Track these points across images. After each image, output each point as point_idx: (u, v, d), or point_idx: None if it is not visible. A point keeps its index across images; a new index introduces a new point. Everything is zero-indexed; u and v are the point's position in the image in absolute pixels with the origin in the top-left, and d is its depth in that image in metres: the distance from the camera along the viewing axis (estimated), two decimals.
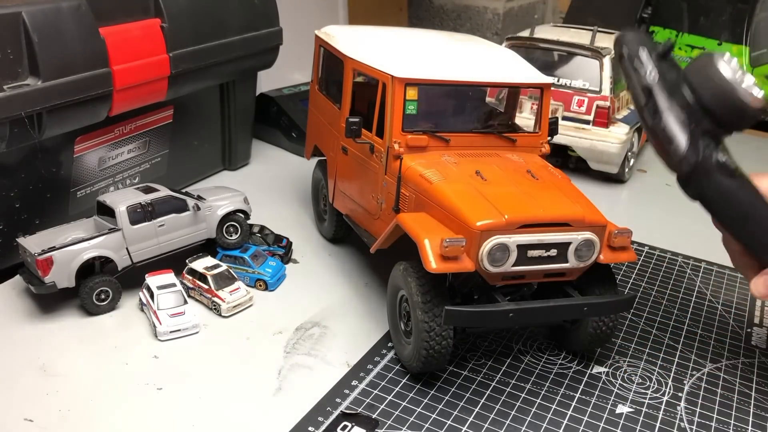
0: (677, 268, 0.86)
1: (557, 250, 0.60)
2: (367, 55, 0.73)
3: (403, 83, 0.68)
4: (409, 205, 0.66)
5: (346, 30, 0.85)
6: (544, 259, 0.60)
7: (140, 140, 0.89)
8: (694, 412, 0.63)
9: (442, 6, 1.74)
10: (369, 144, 0.71)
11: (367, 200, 0.74)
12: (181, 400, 0.60)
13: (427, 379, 0.64)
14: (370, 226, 0.74)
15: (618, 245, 0.62)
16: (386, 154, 0.69)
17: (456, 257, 0.58)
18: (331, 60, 0.82)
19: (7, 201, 0.74)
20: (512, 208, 0.59)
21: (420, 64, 0.70)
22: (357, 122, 0.70)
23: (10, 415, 0.58)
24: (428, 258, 0.57)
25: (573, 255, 0.60)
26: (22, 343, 0.66)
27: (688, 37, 1.47)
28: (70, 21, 0.72)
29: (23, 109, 0.68)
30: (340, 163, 0.79)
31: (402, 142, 0.68)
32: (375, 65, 0.71)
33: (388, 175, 0.69)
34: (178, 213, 0.75)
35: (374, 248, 0.70)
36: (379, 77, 0.70)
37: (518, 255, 0.59)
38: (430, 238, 0.58)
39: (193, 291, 0.74)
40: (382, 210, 0.70)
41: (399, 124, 0.68)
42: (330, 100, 0.83)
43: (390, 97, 0.68)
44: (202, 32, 0.88)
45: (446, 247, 0.57)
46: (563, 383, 0.65)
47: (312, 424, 0.58)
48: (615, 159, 1.07)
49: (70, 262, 0.69)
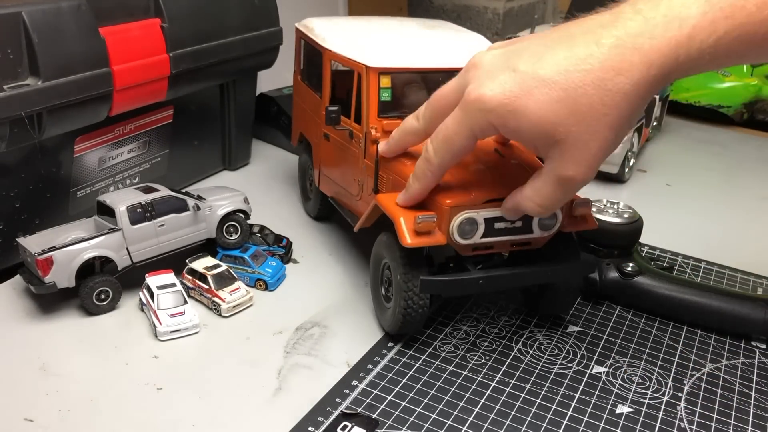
0: (677, 268, 0.86)
1: (522, 222, 0.64)
2: (343, 46, 0.77)
3: (376, 72, 0.72)
4: (387, 185, 0.70)
5: (324, 22, 0.88)
6: (510, 230, 0.65)
7: (140, 140, 0.89)
8: (694, 412, 0.63)
9: (442, 6, 1.74)
10: (348, 130, 0.76)
11: (349, 183, 0.78)
12: (181, 400, 0.60)
13: (427, 379, 0.64)
14: (353, 207, 0.78)
15: (579, 214, 0.67)
16: (364, 139, 0.73)
17: (429, 232, 0.62)
18: (311, 51, 0.86)
19: (7, 201, 0.74)
20: (478, 185, 0.64)
21: (393, 53, 0.74)
22: (336, 110, 0.74)
23: (10, 415, 0.57)
24: (404, 234, 0.62)
25: (537, 225, 0.65)
26: (22, 343, 0.66)
27: None
28: (70, 21, 0.72)
29: (23, 109, 0.68)
30: (323, 149, 0.83)
31: (378, 128, 0.72)
32: (350, 55, 0.75)
33: (367, 159, 0.73)
34: (178, 213, 0.75)
35: (357, 227, 0.73)
36: (354, 67, 0.74)
37: (486, 227, 0.63)
38: (405, 215, 0.63)
39: (193, 291, 0.74)
40: (363, 191, 0.74)
41: (375, 110, 0.72)
42: (311, 89, 0.87)
43: (365, 86, 0.72)
44: (202, 32, 0.88)
45: (419, 224, 0.61)
46: (563, 383, 0.65)
47: (312, 424, 0.58)
48: (615, 159, 1.07)
49: (70, 262, 0.69)
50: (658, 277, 0.76)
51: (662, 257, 0.89)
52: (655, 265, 0.81)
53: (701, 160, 1.27)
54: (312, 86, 0.87)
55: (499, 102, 0.54)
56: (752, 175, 1.21)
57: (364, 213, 0.71)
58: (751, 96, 1.42)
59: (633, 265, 0.76)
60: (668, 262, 0.88)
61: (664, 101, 1.34)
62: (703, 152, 1.31)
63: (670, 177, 1.17)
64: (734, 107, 1.43)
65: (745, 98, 1.42)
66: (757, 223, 1.03)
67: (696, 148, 1.33)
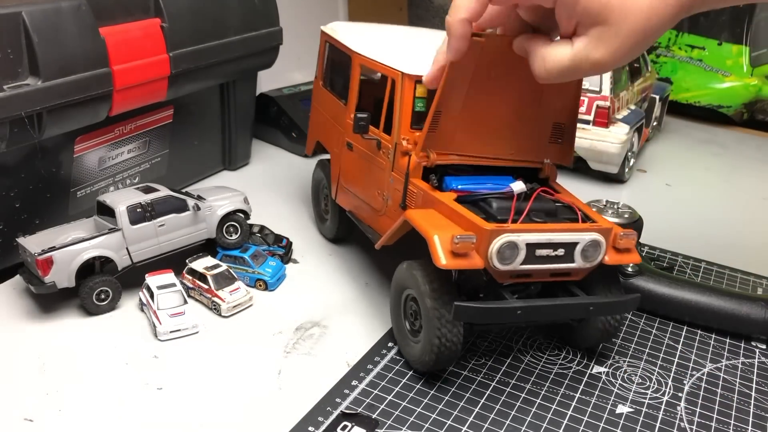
0: (677, 268, 0.86)
1: (564, 250, 0.60)
2: (375, 51, 0.74)
3: (413, 80, 0.68)
4: (417, 201, 0.66)
5: (352, 26, 0.85)
6: (552, 259, 0.60)
7: (140, 140, 0.89)
8: (694, 412, 0.63)
9: (442, 6, 1.74)
10: (376, 140, 0.71)
11: (372, 196, 0.74)
12: (181, 400, 0.60)
13: (427, 378, 0.64)
14: (375, 222, 0.74)
15: (623, 247, 0.63)
16: (394, 150, 0.69)
17: (466, 254, 0.58)
18: (337, 56, 0.82)
19: (7, 201, 0.74)
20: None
21: (429, 62, 0.70)
22: (365, 118, 0.70)
23: (10, 415, 0.57)
24: (438, 254, 0.57)
25: (579, 255, 0.61)
26: (22, 343, 0.66)
27: (687, 36, 1.47)
28: (70, 21, 0.72)
29: (23, 109, 0.68)
30: (345, 159, 0.79)
31: (410, 139, 0.67)
32: (384, 62, 0.71)
33: (396, 172, 0.69)
34: (178, 213, 0.75)
35: (380, 244, 0.70)
36: (388, 74, 0.70)
37: (527, 253, 0.59)
38: (440, 234, 0.58)
39: (193, 291, 0.74)
40: (388, 206, 0.70)
41: (408, 120, 0.68)
42: (335, 95, 0.82)
43: (399, 94, 0.68)
44: (202, 32, 0.88)
45: (457, 244, 0.57)
46: (563, 383, 0.65)
47: (312, 424, 0.58)
48: (615, 159, 1.07)
49: (70, 262, 0.69)
50: (658, 277, 0.76)
51: (662, 257, 0.89)
52: (655, 265, 0.81)
53: (701, 160, 1.27)
54: (335, 93, 0.82)
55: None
56: (752, 175, 1.21)
57: (387, 229, 0.68)
58: (751, 96, 1.42)
59: (633, 265, 0.76)
60: (668, 262, 0.88)
61: (664, 101, 1.34)
62: (703, 152, 1.31)
63: (670, 177, 1.17)
64: (734, 107, 1.43)
65: (745, 98, 1.42)
66: (757, 223, 1.03)
67: (696, 148, 1.33)
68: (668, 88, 1.37)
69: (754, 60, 1.43)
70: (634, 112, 1.14)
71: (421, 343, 0.62)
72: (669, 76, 1.47)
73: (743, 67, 1.42)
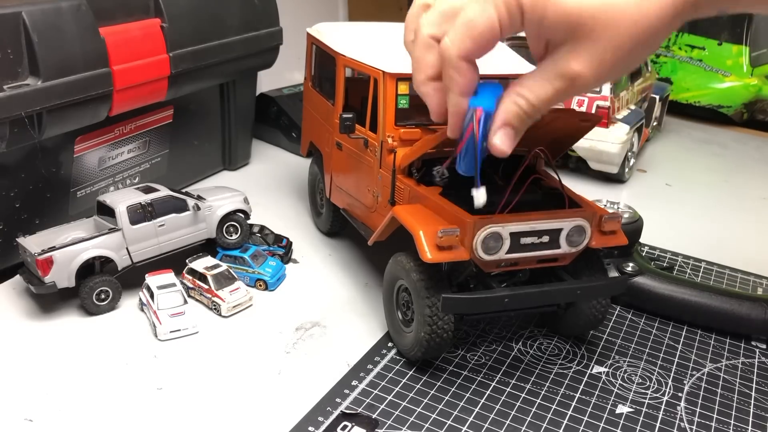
0: (677, 268, 0.86)
1: (549, 237, 0.61)
2: (358, 52, 0.75)
3: (394, 78, 0.69)
4: (404, 197, 0.67)
5: (337, 27, 0.86)
6: (537, 246, 0.61)
7: (140, 140, 0.89)
8: (694, 412, 0.63)
9: None
10: (363, 139, 0.73)
11: (363, 194, 0.75)
12: (181, 400, 0.60)
13: (427, 379, 0.64)
14: (367, 219, 0.75)
15: (608, 230, 0.64)
16: (380, 148, 0.70)
17: (451, 247, 0.59)
18: (324, 57, 0.83)
19: (7, 201, 0.74)
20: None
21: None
22: (350, 118, 0.71)
23: (10, 415, 0.57)
24: (424, 248, 0.59)
25: (565, 240, 0.62)
26: (22, 343, 0.66)
27: (688, 36, 1.47)
28: (70, 21, 0.72)
29: (23, 109, 0.68)
30: (335, 158, 0.80)
31: (395, 136, 0.69)
32: (366, 61, 0.72)
33: (383, 169, 0.70)
34: (178, 213, 0.75)
35: (372, 240, 0.71)
36: (370, 73, 0.71)
37: (511, 242, 0.60)
38: (425, 229, 0.59)
39: (193, 291, 0.74)
40: (378, 203, 0.72)
41: (392, 118, 0.69)
42: (323, 96, 0.84)
43: (382, 93, 0.69)
44: (202, 32, 0.88)
45: (441, 237, 0.58)
46: (563, 383, 0.65)
47: (312, 424, 0.58)
48: (615, 159, 1.07)
49: (70, 262, 0.69)
50: (658, 277, 0.76)
51: (662, 257, 0.89)
52: (655, 265, 0.81)
53: (701, 160, 1.27)
54: (324, 93, 0.84)
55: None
56: (752, 175, 1.21)
57: (378, 225, 0.69)
58: (751, 96, 1.42)
59: (633, 265, 0.76)
60: (668, 262, 0.88)
61: (664, 101, 1.34)
62: (703, 152, 1.31)
63: (670, 177, 1.17)
64: (734, 107, 1.43)
65: (745, 98, 1.42)
66: (757, 223, 1.03)
67: (696, 148, 1.33)
68: (668, 88, 1.37)
69: (754, 60, 1.43)
70: (634, 112, 1.14)
71: (413, 333, 0.63)
72: (669, 76, 1.47)
73: (743, 67, 1.42)
